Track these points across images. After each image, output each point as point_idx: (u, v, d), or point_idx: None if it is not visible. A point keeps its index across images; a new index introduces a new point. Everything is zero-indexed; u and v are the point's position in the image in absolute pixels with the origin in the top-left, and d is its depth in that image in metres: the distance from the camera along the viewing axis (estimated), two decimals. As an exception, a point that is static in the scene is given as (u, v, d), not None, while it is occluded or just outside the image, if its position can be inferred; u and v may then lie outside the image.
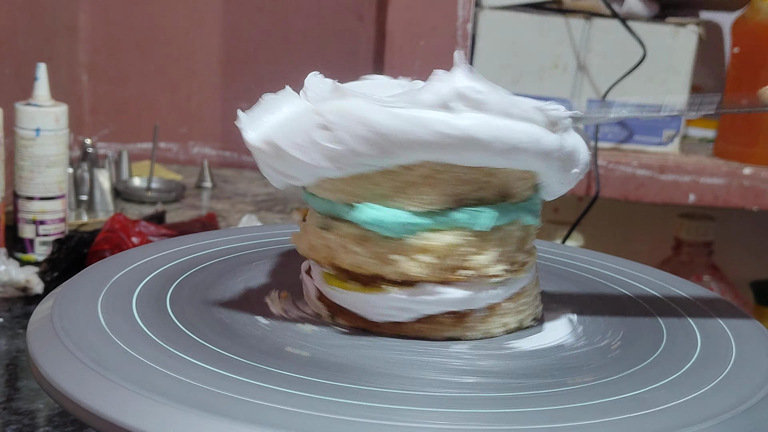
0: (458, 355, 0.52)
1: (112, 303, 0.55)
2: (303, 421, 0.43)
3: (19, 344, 0.85)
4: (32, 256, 1.03)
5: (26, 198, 1.02)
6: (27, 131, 1.01)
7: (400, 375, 0.49)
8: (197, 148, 1.55)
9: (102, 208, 1.21)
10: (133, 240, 0.96)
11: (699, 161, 1.21)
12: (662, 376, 0.51)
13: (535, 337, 0.55)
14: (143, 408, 0.43)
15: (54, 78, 1.12)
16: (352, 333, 0.54)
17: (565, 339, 0.55)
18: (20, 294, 0.95)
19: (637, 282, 0.67)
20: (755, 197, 1.18)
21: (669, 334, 0.57)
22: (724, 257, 1.44)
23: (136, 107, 1.53)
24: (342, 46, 1.52)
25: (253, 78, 1.53)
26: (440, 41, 1.16)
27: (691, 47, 1.20)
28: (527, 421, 0.44)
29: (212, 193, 1.37)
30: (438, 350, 0.52)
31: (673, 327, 0.58)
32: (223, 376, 0.47)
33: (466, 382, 0.49)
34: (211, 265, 0.64)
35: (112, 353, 0.48)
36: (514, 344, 0.54)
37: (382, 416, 0.43)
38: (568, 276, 0.68)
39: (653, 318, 0.60)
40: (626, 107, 0.55)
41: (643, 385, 0.49)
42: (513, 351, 0.53)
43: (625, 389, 0.48)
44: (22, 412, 0.73)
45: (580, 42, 1.20)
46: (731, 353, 0.55)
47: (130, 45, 1.51)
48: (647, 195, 1.18)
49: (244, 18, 1.52)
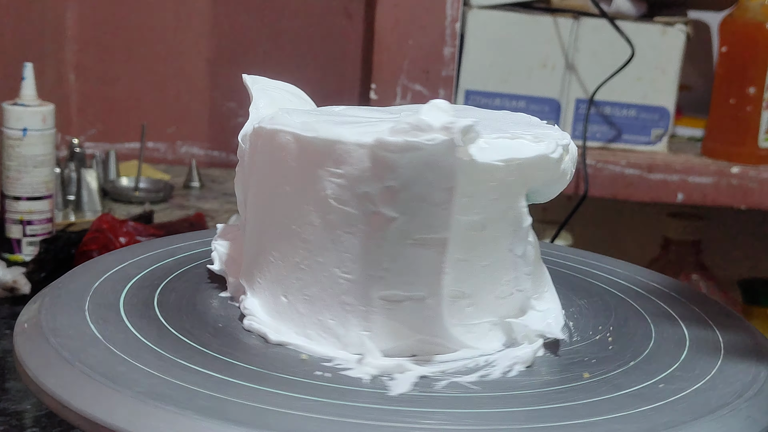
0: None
1: (100, 304, 0.55)
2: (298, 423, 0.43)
3: (6, 345, 0.85)
4: (19, 257, 1.03)
5: (13, 198, 1.02)
6: (14, 131, 1.01)
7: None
8: (185, 147, 1.54)
9: (89, 208, 1.21)
10: (121, 240, 0.96)
11: (687, 160, 1.21)
12: (650, 375, 0.51)
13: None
14: (130, 409, 0.43)
15: (41, 77, 1.11)
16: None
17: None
18: (7, 294, 0.94)
19: (625, 281, 0.67)
20: (743, 196, 1.18)
21: (657, 334, 0.57)
22: (713, 256, 1.44)
23: (123, 107, 1.53)
24: (330, 45, 1.51)
25: (241, 78, 1.52)
26: (429, 40, 1.16)
27: (679, 46, 1.20)
28: (523, 420, 0.44)
29: (200, 193, 1.37)
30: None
31: (662, 326, 0.59)
32: (209, 376, 0.46)
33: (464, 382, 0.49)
34: (199, 266, 0.63)
35: (100, 354, 0.48)
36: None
37: (389, 418, 0.43)
38: (557, 275, 0.68)
39: (642, 317, 0.60)
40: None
41: (633, 384, 0.49)
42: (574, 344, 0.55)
43: (613, 389, 0.48)
44: (9, 413, 0.73)
45: (568, 41, 1.20)
46: (719, 352, 0.55)
47: (117, 44, 1.51)
48: (636, 194, 1.19)
49: (232, 17, 1.51)
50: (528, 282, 0.53)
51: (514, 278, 0.53)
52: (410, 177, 0.47)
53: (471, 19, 1.19)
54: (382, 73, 1.16)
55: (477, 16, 1.19)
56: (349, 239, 0.50)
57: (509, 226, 0.52)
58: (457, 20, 1.16)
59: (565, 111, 1.22)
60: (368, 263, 0.49)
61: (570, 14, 1.20)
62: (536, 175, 0.52)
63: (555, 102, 1.21)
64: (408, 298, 0.49)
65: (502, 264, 0.52)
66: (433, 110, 0.47)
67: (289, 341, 0.51)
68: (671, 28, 1.20)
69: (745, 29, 1.19)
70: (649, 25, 1.20)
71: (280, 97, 0.63)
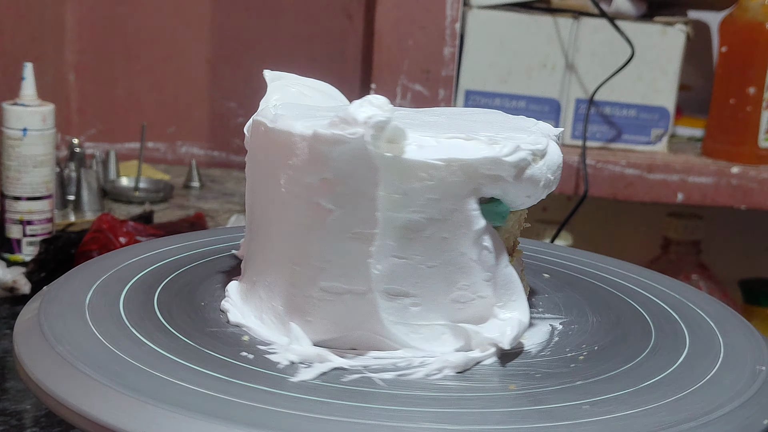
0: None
1: (100, 304, 0.55)
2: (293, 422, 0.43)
3: (6, 345, 0.85)
4: (19, 257, 1.02)
5: (13, 198, 1.02)
6: (14, 131, 1.01)
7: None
8: (185, 147, 1.54)
9: (89, 208, 1.21)
10: (121, 240, 0.96)
11: (687, 160, 1.21)
12: (650, 375, 0.51)
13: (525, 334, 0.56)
14: (130, 408, 0.43)
15: (41, 78, 1.11)
16: None
17: (545, 340, 0.55)
18: (7, 294, 0.94)
19: (625, 281, 0.67)
20: (743, 196, 1.18)
21: (657, 333, 0.57)
22: (713, 256, 1.44)
23: (123, 107, 1.53)
24: (330, 45, 1.51)
25: (241, 77, 1.53)
26: (429, 40, 1.16)
27: (679, 46, 1.20)
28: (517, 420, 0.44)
29: (200, 193, 1.37)
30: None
31: (662, 326, 0.59)
32: (209, 376, 0.46)
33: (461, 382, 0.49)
34: (198, 266, 0.63)
35: (99, 354, 0.48)
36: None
37: (261, 398, 0.45)
38: (556, 275, 0.68)
39: (642, 317, 0.60)
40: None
41: (633, 384, 0.49)
42: (527, 351, 0.54)
43: (613, 388, 0.48)
44: (9, 413, 0.73)
45: (568, 41, 1.20)
46: (719, 352, 0.55)
47: (117, 44, 1.51)
48: (636, 194, 1.19)
49: (232, 17, 1.51)
50: (488, 289, 0.52)
51: (472, 283, 0.52)
52: (343, 170, 0.48)
53: (471, 19, 1.19)
54: (382, 73, 1.16)
55: (477, 16, 1.19)
56: (299, 229, 0.51)
57: (458, 228, 0.51)
58: (457, 20, 1.16)
59: (565, 111, 1.22)
60: (312, 254, 0.51)
61: (570, 14, 1.20)
62: (488, 179, 0.51)
63: (555, 102, 1.21)
64: (348, 291, 0.50)
65: (455, 267, 0.51)
66: (364, 105, 0.48)
67: (245, 323, 0.54)
68: (671, 28, 1.20)
69: (745, 29, 1.19)
70: (649, 25, 1.20)
71: (299, 93, 0.63)
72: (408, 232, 0.50)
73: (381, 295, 0.50)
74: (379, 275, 0.50)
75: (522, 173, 0.52)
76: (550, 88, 1.21)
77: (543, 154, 0.53)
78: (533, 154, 0.52)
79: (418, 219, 0.50)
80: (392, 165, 0.49)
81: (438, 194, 0.50)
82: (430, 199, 0.50)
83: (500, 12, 1.19)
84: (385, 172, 0.49)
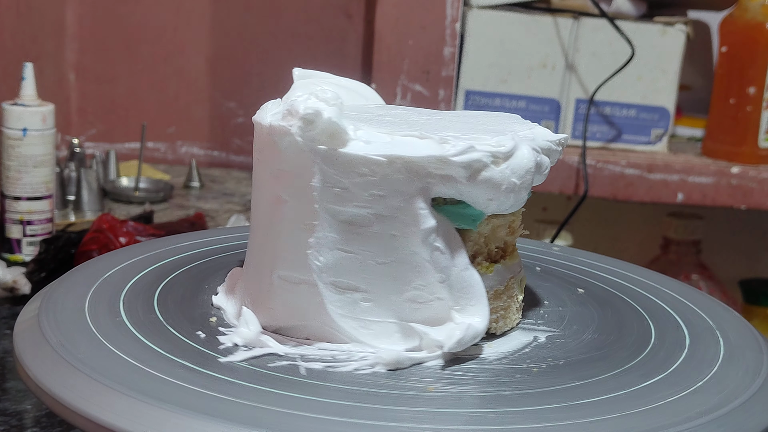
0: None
1: (100, 303, 0.55)
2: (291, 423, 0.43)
3: (6, 345, 0.85)
4: (19, 257, 1.02)
5: (13, 198, 1.02)
6: (14, 131, 1.01)
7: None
8: (185, 147, 1.54)
9: (89, 208, 1.21)
10: (121, 240, 0.96)
11: (687, 160, 1.21)
12: (651, 374, 0.51)
13: (499, 342, 0.55)
14: (130, 408, 0.43)
15: (41, 77, 1.11)
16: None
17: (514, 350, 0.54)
18: (7, 295, 0.94)
19: (625, 281, 0.67)
20: (743, 196, 1.18)
21: (657, 333, 0.57)
22: (713, 256, 1.44)
23: (123, 107, 1.53)
24: (331, 45, 1.51)
25: (241, 77, 1.53)
26: (429, 40, 1.16)
27: (679, 46, 1.20)
28: (515, 420, 0.44)
29: (200, 193, 1.37)
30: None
31: (662, 326, 0.59)
32: (210, 377, 0.46)
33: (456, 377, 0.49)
34: (199, 265, 0.63)
35: (99, 354, 0.48)
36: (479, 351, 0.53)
37: (184, 376, 0.46)
38: (556, 275, 0.68)
39: (642, 317, 0.60)
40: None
41: (632, 384, 0.49)
42: (483, 357, 0.53)
43: (613, 388, 0.48)
44: (9, 413, 0.73)
45: (568, 41, 1.20)
46: (719, 352, 0.55)
47: (117, 44, 1.51)
48: (636, 194, 1.19)
49: (232, 16, 1.51)
50: (444, 291, 0.51)
51: (428, 284, 0.51)
52: (291, 161, 0.50)
53: (471, 19, 1.19)
54: (382, 73, 1.16)
55: (477, 16, 1.19)
56: (265, 218, 0.54)
57: (407, 226, 0.50)
58: (457, 20, 1.16)
59: (565, 111, 1.22)
60: (272, 243, 0.53)
61: (570, 14, 1.20)
62: (438, 179, 0.50)
63: (555, 102, 1.21)
64: (303, 281, 0.51)
65: (409, 266, 0.51)
66: (310, 98, 0.49)
67: (223, 306, 0.56)
68: (671, 28, 1.20)
69: (745, 29, 1.19)
70: (649, 25, 1.20)
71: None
72: (354, 226, 0.50)
73: (328, 287, 0.51)
74: (322, 267, 0.51)
75: (477, 175, 0.51)
76: (550, 88, 1.21)
77: (507, 156, 0.51)
78: (493, 156, 0.51)
79: (364, 214, 0.50)
80: (330, 158, 0.50)
81: (383, 191, 0.50)
82: (375, 195, 0.50)
83: (500, 12, 1.19)
84: (324, 165, 0.49)
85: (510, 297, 0.56)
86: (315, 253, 0.51)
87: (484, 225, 0.54)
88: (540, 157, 0.54)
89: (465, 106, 1.21)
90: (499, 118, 0.60)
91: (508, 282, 0.56)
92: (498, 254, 0.56)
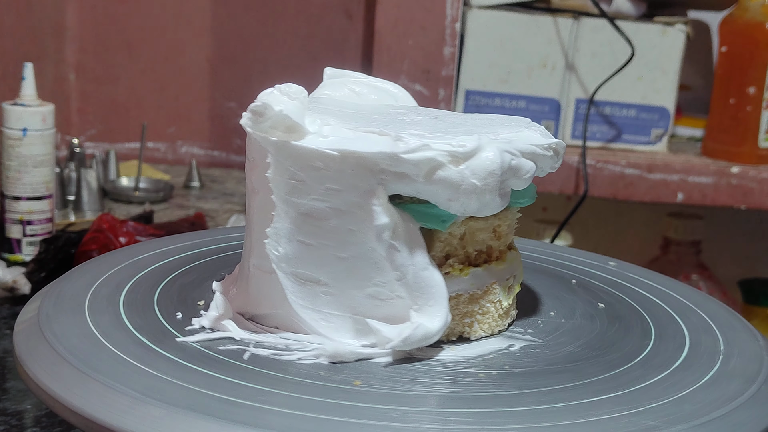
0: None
1: (100, 303, 0.55)
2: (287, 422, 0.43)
3: (6, 345, 0.85)
4: (19, 257, 1.02)
5: (13, 198, 1.02)
6: (14, 131, 1.01)
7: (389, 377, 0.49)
8: (185, 147, 1.54)
9: (89, 208, 1.21)
10: (121, 240, 0.96)
11: (687, 160, 1.21)
12: (650, 374, 0.51)
13: (466, 346, 0.54)
14: (130, 408, 0.43)
15: (41, 77, 1.11)
16: None
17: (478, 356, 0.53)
18: (7, 294, 0.94)
19: (625, 281, 0.67)
20: (743, 196, 1.18)
21: (657, 333, 0.57)
22: (713, 256, 1.44)
23: (123, 107, 1.53)
24: (330, 45, 1.51)
25: (241, 77, 1.53)
26: (429, 40, 1.16)
27: (679, 46, 1.20)
28: (513, 420, 0.44)
29: (200, 193, 1.37)
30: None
31: (662, 326, 0.59)
32: (209, 376, 0.46)
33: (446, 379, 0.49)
34: (198, 265, 0.63)
35: (99, 354, 0.48)
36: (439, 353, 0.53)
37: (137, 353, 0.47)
38: (556, 275, 0.68)
39: (642, 317, 0.60)
40: None
41: (632, 384, 0.49)
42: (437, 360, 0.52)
43: (613, 388, 0.48)
44: (9, 413, 0.73)
45: (568, 41, 1.20)
46: (719, 352, 0.55)
47: (117, 44, 1.51)
48: (636, 194, 1.19)
49: (232, 17, 1.51)
50: (402, 289, 0.51)
51: (388, 281, 0.51)
52: (257, 152, 0.52)
53: (471, 19, 1.19)
54: (382, 73, 1.16)
55: (477, 16, 1.19)
56: (247, 209, 0.55)
57: (363, 222, 0.51)
58: (457, 20, 1.16)
59: (565, 111, 1.22)
60: (249, 232, 0.55)
61: (570, 14, 1.20)
62: (393, 176, 0.50)
63: (555, 102, 1.21)
64: (273, 271, 0.52)
65: (368, 262, 0.51)
66: (273, 92, 0.51)
67: (218, 291, 0.56)
68: (671, 28, 1.20)
69: (745, 29, 1.19)
70: (649, 25, 1.20)
71: (350, 91, 0.64)
72: (313, 219, 0.51)
73: (289, 277, 0.52)
74: (281, 257, 0.52)
75: (432, 174, 0.50)
76: (550, 88, 1.21)
77: (467, 156, 0.50)
78: (451, 156, 0.50)
79: (322, 207, 0.51)
80: (283, 150, 0.50)
81: (338, 185, 0.50)
82: (331, 189, 0.50)
83: (500, 12, 1.19)
84: (278, 156, 0.50)
85: (491, 302, 0.55)
86: (273, 243, 0.52)
87: (457, 227, 0.53)
88: (517, 161, 0.52)
89: (465, 106, 1.21)
90: (503, 120, 0.59)
91: (488, 287, 0.55)
92: (479, 258, 0.55)
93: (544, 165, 0.55)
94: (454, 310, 0.54)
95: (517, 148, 0.53)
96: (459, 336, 0.55)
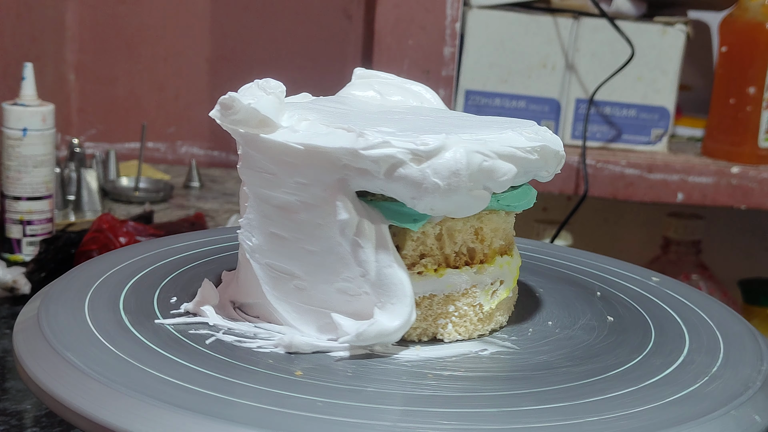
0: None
1: (100, 303, 0.55)
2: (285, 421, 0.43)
3: (6, 345, 0.85)
4: (19, 257, 1.02)
5: (13, 198, 1.02)
6: (14, 131, 1.01)
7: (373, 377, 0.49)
8: (185, 147, 1.54)
9: (89, 208, 1.21)
10: (121, 240, 0.96)
11: (687, 160, 1.21)
12: (650, 374, 0.51)
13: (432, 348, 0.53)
14: (130, 408, 0.43)
15: (41, 77, 1.11)
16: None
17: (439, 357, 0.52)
18: (7, 294, 0.94)
19: (625, 281, 0.67)
20: (743, 196, 1.18)
21: (657, 333, 0.57)
22: (713, 256, 1.44)
23: (123, 107, 1.53)
24: (330, 45, 1.51)
25: (241, 77, 1.52)
26: (429, 40, 1.16)
27: (679, 46, 1.20)
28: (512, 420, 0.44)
29: (200, 193, 1.37)
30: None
31: (662, 326, 0.58)
32: (209, 376, 0.46)
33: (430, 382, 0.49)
34: (198, 265, 0.63)
35: (99, 354, 0.48)
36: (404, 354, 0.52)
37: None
38: (556, 275, 0.68)
39: (641, 317, 0.60)
40: None
41: (632, 384, 0.49)
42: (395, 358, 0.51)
43: (613, 388, 0.48)
44: (9, 413, 0.73)
45: (568, 41, 1.20)
46: (719, 352, 0.55)
47: (117, 44, 1.51)
48: (636, 194, 1.19)
49: (232, 17, 1.51)
50: (367, 286, 0.51)
51: (355, 277, 0.51)
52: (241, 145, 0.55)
53: (471, 19, 1.19)
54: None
55: (477, 16, 1.19)
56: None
57: (329, 216, 0.51)
58: (457, 20, 1.16)
59: (565, 111, 1.22)
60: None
61: (570, 14, 1.20)
62: (355, 171, 0.50)
63: (555, 102, 1.21)
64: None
65: (336, 257, 0.51)
66: (251, 87, 0.53)
67: (205, 279, 0.57)
68: (671, 28, 1.20)
69: (745, 29, 1.19)
70: (649, 25, 1.20)
71: (375, 91, 0.64)
72: (285, 211, 0.52)
73: (263, 267, 0.53)
74: (254, 247, 0.53)
75: (393, 171, 0.49)
76: (550, 88, 1.21)
77: (429, 155, 0.49)
78: (412, 154, 0.49)
79: (292, 201, 0.52)
80: (253, 143, 0.52)
81: (306, 179, 0.51)
82: (300, 183, 0.51)
83: (500, 12, 1.19)
84: (248, 149, 0.52)
85: (470, 305, 0.54)
86: (247, 233, 0.54)
87: (432, 226, 0.53)
88: (491, 162, 0.51)
89: (465, 106, 1.21)
90: (505, 122, 0.57)
91: (467, 289, 0.54)
92: (459, 260, 0.54)
93: (530, 168, 0.53)
94: (427, 310, 0.53)
95: (492, 149, 0.51)
96: (433, 337, 0.54)
